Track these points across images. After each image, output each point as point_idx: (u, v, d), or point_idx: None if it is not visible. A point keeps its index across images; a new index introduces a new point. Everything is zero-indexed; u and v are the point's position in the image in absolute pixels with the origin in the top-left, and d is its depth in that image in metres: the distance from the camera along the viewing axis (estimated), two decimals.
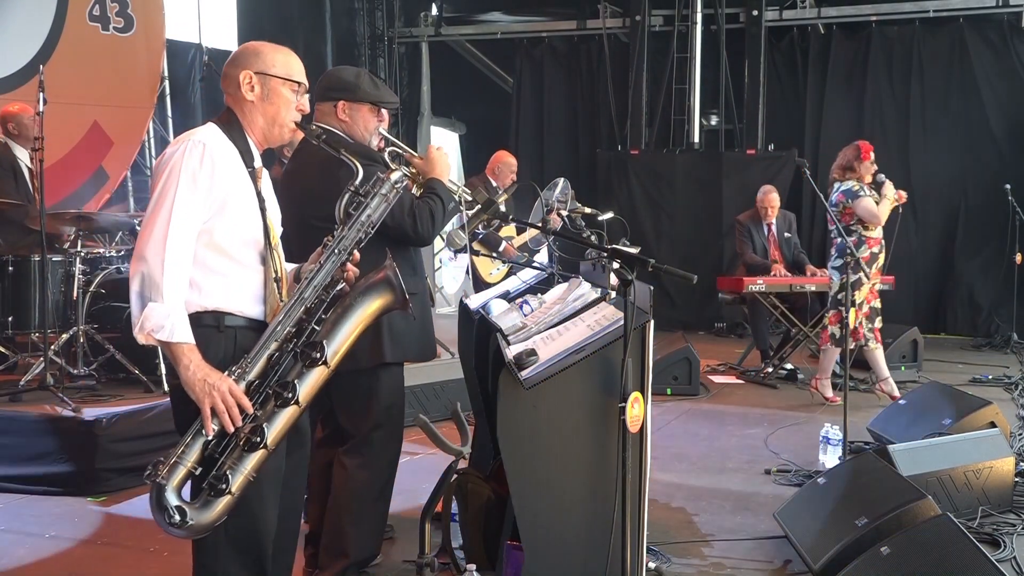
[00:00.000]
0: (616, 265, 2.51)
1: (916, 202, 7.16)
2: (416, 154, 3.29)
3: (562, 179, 5.34)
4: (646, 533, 2.72)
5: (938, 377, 6.70)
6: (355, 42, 11.45)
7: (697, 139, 10.64)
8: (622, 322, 2.47)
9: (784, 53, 10.62)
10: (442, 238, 3.86)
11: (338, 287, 2.34)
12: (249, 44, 2.45)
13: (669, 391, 6.70)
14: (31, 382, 4.93)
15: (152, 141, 8.40)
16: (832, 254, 6.28)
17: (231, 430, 2.17)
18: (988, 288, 9.68)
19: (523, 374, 2.55)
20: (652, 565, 3.39)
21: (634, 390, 2.49)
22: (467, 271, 6.95)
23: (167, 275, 2.16)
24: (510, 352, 2.72)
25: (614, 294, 2.98)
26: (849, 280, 5.93)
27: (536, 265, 4.14)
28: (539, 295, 3.49)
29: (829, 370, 6.42)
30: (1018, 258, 8.56)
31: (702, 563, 3.57)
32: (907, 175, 9.85)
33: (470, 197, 3.38)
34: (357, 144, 3.11)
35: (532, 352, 2.62)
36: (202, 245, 2.26)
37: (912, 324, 7.82)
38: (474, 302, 3.82)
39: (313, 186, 3.04)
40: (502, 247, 6.42)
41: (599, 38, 11.10)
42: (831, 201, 6.15)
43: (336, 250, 2.34)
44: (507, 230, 6.55)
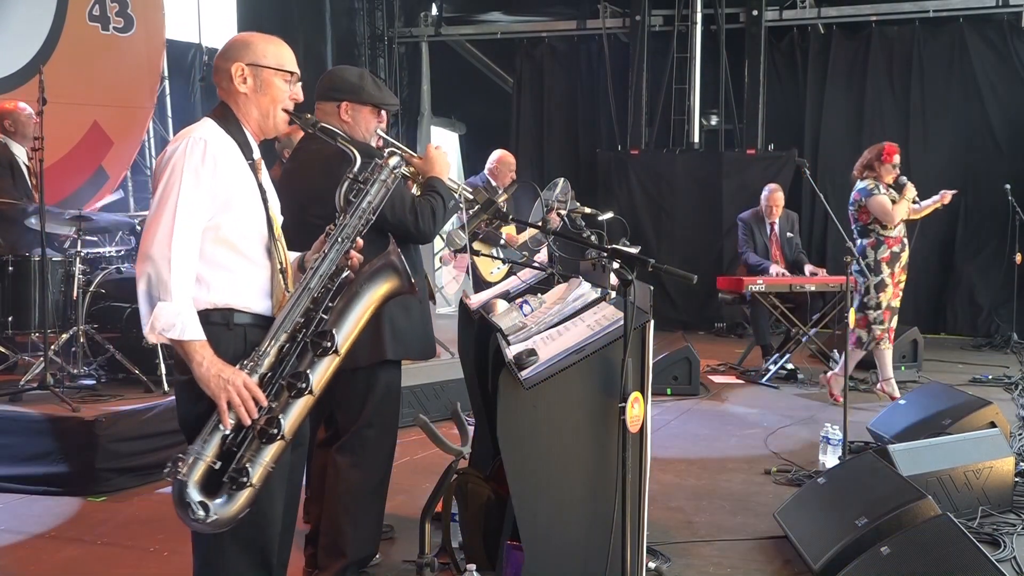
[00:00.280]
0: (616, 265, 2.51)
1: (916, 202, 7.15)
2: (415, 154, 3.29)
3: (562, 179, 5.33)
4: (646, 533, 2.72)
5: (938, 377, 6.70)
6: (355, 42, 11.45)
7: (697, 139, 10.64)
8: (622, 322, 2.47)
9: (784, 53, 10.62)
10: (442, 238, 3.86)
11: (343, 275, 2.35)
12: (238, 36, 2.44)
13: (669, 391, 6.70)
14: (31, 382, 4.93)
15: (152, 141, 8.40)
16: (850, 258, 6.22)
17: (248, 423, 2.19)
18: (988, 288, 9.68)
19: (523, 374, 2.55)
20: (652, 565, 3.39)
21: (634, 390, 2.49)
22: (467, 271, 6.94)
23: (174, 273, 2.16)
24: (510, 352, 2.71)
25: (614, 294, 2.98)
26: (871, 282, 5.96)
27: (536, 265, 4.13)
28: (539, 295, 3.49)
29: (851, 367, 6.27)
30: (1018, 258, 8.56)
31: (702, 563, 3.57)
32: (907, 175, 9.78)
33: (471, 196, 3.39)
34: (357, 142, 3.11)
35: (532, 352, 2.62)
36: (209, 241, 2.26)
37: (912, 324, 7.82)
38: (474, 301, 3.82)
39: (313, 185, 3.03)
40: (502, 240, 6.41)
41: (599, 38, 11.10)
42: (850, 200, 6.14)
43: (339, 238, 2.35)
44: (507, 230, 6.55)
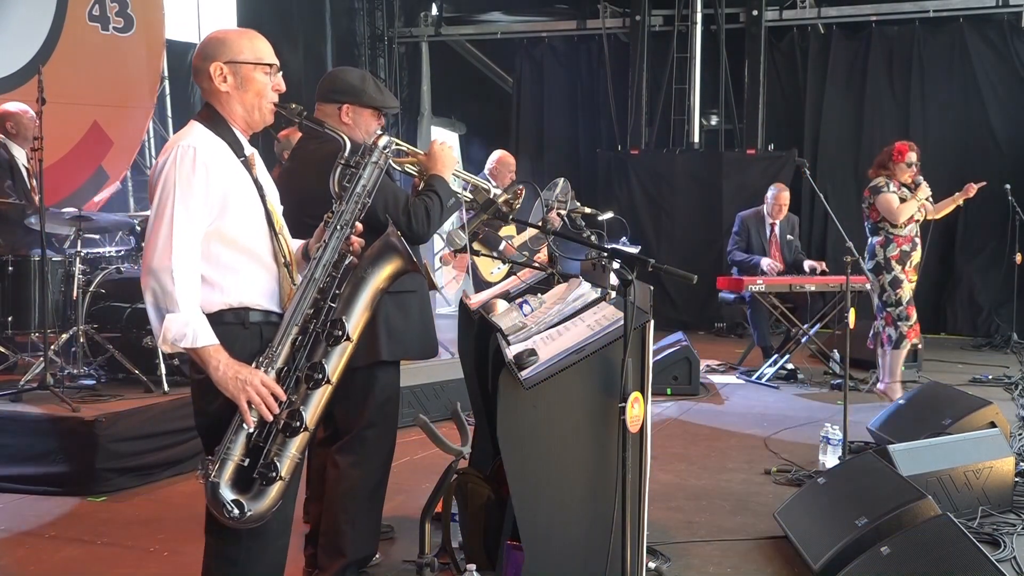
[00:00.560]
0: (616, 265, 2.51)
1: (930, 201, 7.13)
2: (419, 151, 3.29)
3: (562, 179, 5.32)
4: (646, 533, 2.72)
5: (938, 377, 6.70)
6: (355, 42, 11.45)
7: (697, 139, 10.65)
8: (622, 322, 2.47)
9: (784, 53, 10.62)
10: (441, 237, 3.86)
11: (347, 261, 2.36)
12: (213, 34, 2.44)
13: (669, 391, 6.70)
14: (31, 382, 4.93)
15: (152, 141, 8.40)
16: (865, 256, 6.19)
17: (270, 419, 2.23)
18: (988, 288, 9.68)
19: (523, 374, 2.55)
20: (652, 565, 3.39)
21: (634, 390, 2.49)
22: (467, 271, 6.94)
23: (178, 284, 2.19)
24: (510, 352, 2.71)
25: (614, 294, 2.98)
26: (885, 280, 5.98)
27: (536, 265, 4.12)
28: (539, 295, 3.49)
29: (898, 371, 6.30)
30: (1018, 258, 8.56)
31: (702, 563, 3.57)
32: None
33: (484, 185, 3.39)
34: (357, 145, 3.10)
35: (532, 352, 2.62)
36: (213, 244, 2.28)
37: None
38: (474, 301, 3.82)
39: (308, 185, 3.02)
40: (502, 246, 6.41)
41: (599, 38, 11.11)
42: (863, 197, 6.17)
43: (338, 225, 2.36)
44: (507, 229, 6.54)
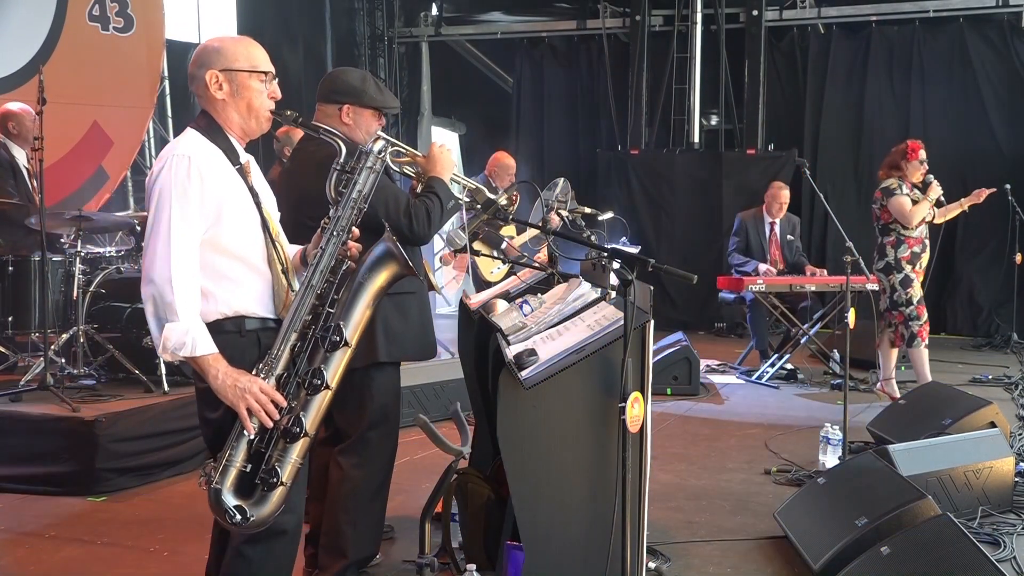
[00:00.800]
0: (616, 265, 2.51)
1: (940, 203, 7.09)
2: (418, 153, 3.29)
3: (562, 179, 5.32)
4: (646, 533, 2.72)
5: (938, 377, 6.68)
6: (355, 42, 11.45)
7: (697, 139, 10.65)
8: (622, 322, 2.47)
9: (784, 53, 10.62)
10: (442, 238, 3.86)
11: (344, 266, 2.37)
12: (208, 43, 2.45)
13: (669, 391, 6.70)
14: (31, 382, 4.93)
15: (152, 141, 8.40)
16: (875, 256, 6.19)
17: (270, 425, 2.24)
18: (988, 288, 9.68)
19: (523, 374, 2.55)
20: (652, 565, 3.39)
21: (634, 390, 2.49)
22: (467, 270, 6.94)
23: (177, 293, 2.20)
24: (510, 352, 2.71)
25: (614, 294, 2.98)
26: (895, 279, 5.97)
27: (536, 265, 4.12)
28: (539, 295, 3.49)
29: (926, 371, 6.22)
30: (1018, 258, 8.55)
31: (702, 563, 3.57)
32: None
33: (475, 186, 3.39)
34: (349, 141, 3.10)
35: (532, 352, 2.62)
36: (209, 252, 2.29)
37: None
38: (474, 301, 3.82)
39: (305, 186, 3.03)
40: (503, 245, 6.41)
41: (599, 38, 11.11)
42: (873, 198, 6.14)
43: (335, 231, 2.37)
44: (507, 229, 6.54)
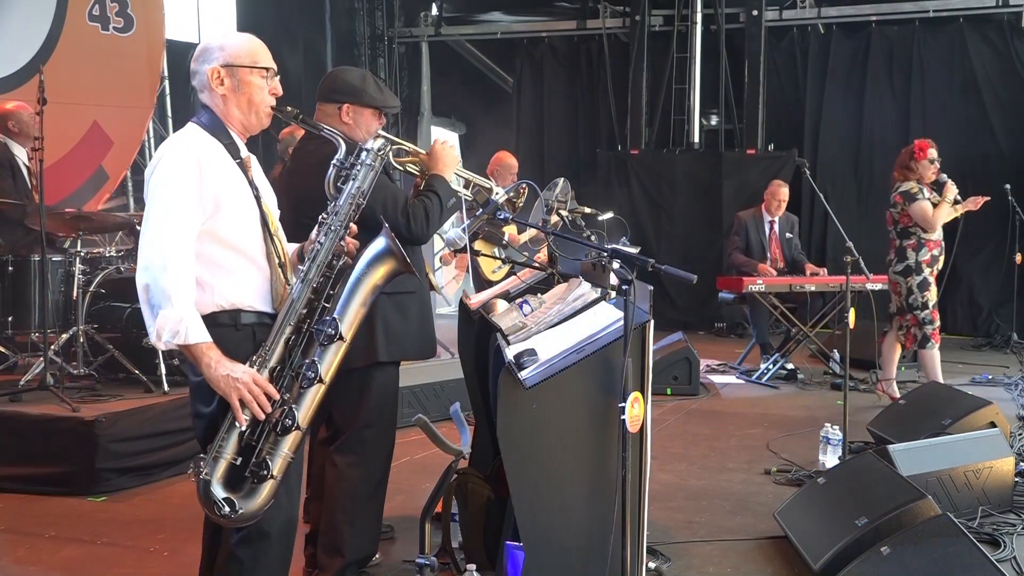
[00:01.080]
0: (616, 265, 2.51)
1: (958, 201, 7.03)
2: (420, 150, 3.29)
3: (562, 179, 5.31)
4: (646, 533, 2.72)
5: None
6: (355, 42, 11.45)
7: (697, 139, 10.65)
8: (622, 322, 2.47)
9: (784, 53, 10.62)
10: (441, 237, 3.86)
11: (340, 261, 2.38)
12: (210, 38, 2.48)
13: (669, 391, 6.70)
14: (31, 382, 4.93)
15: (152, 141, 8.40)
16: (892, 259, 6.11)
17: (262, 417, 2.23)
18: (988, 288, 9.67)
19: (523, 374, 2.55)
20: (652, 565, 3.39)
21: (634, 390, 2.49)
22: (467, 270, 6.93)
23: (172, 281, 2.20)
24: (510, 352, 2.71)
25: (614, 294, 2.98)
26: (914, 282, 5.93)
27: (536, 265, 4.12)
28: (539, 295, 3.49)
29: (937, 372, 6.18)
30: (1018, 258, 8.55)
31: (702, 563, 3.57)
32: None
33: (486, 184, 3.39)
34: (348, 139, 3.10)
35: (532, 352, 2.62)
36: (206, 243, 2.29)
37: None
38: (474, 301, 3.82)
39: (306, 185, 3.02)
40: (505, 239, 6.40)
41: (599, 38, 11.11)
42: (891, 201, 6.06)
43: (333, 226, 2.38)
44: (508, 229, 6.54)
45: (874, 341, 6.60)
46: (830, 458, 4.67)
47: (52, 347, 5.01)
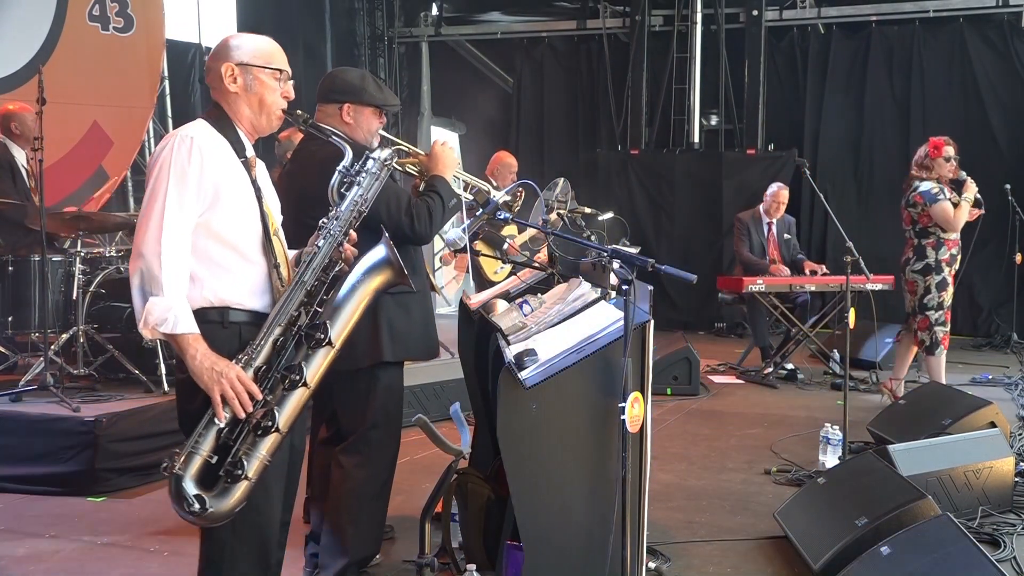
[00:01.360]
0: (616, 265, 2.51)
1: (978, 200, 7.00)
2: (420, 151, 3.29)
3: (562, 179, 5.32)
4: (646, 533, 2.72)
5: None
6: (355, 42, 11.45)
7: (697, 139, 10.65)
8: (622, 322, 2.47)
9: (784, 53, 10.62)
10: (442, 238, 3.85)
11: (337, 268, 2.36)
12: (228, 37, 2.47)
13: (669, 391, 6.70)
14: (31, 382, 4.93)
15: (152, 141, 8.39)
16: (911, 257, 5.97)
17: (242, 416, 2.20)
18: (988, 288, 9.67)
19: (523, 374, 2.55)
20: (652, 565, 3.39)
21: (634, 390, 2.49)
22: (467, 270, 6.93)
23: (165, 268, 2.18)
24: (510, 352, 2.71)
25: (614, 294, 2.98)
26: (933, 281, 5.82)
27: (536, 265, 4.12)
28: (539, 295, 3.49)
29: (941, 375, 6.08)
30: (1018, 258, 8.54)
31: (702, 563, 3.57)
32: (907, 175, 9.82)
33: (484, 186, 3.39)
34: (358, 146, 3.11)
35: (532, 352, 2.62)
36: (202, 237, 2.28)
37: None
38: (474, 301, 3.82)
39: (308, 186, 3.03)
40: (505, 246, 6.40)
41: (599, 38, 11.11)
42: (909, 201, 5.95)
43: (332, 231, 2.36)
44: (508, 229, 6.54)
45: (874, 341, 6.61)
46: (830, 458, 4.67)
47: (52, 347, 5.01)
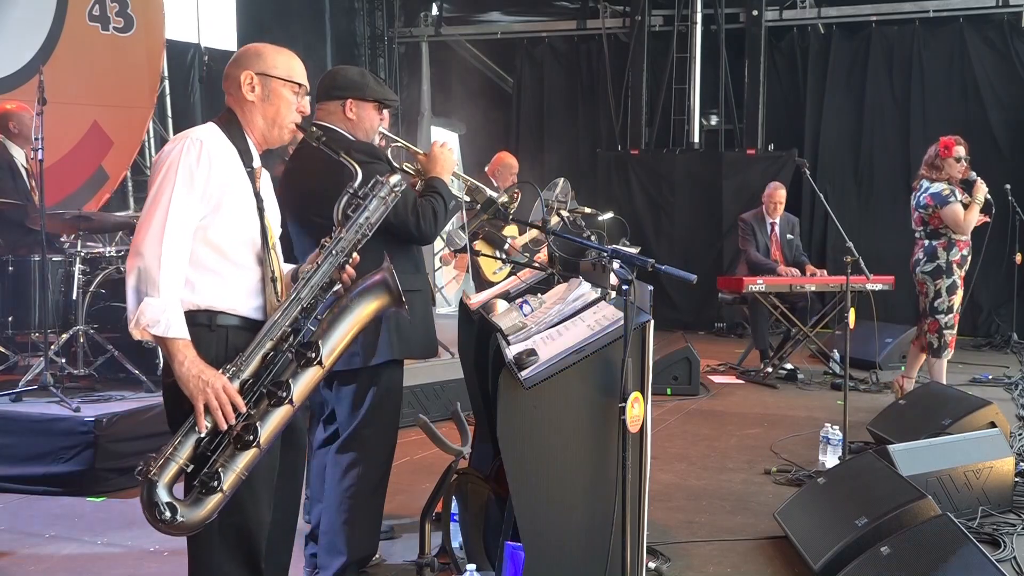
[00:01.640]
0: (616, 265, 2.51)
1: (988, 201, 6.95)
2: (419, 151, 3.30)
3: (562, 179, 5.32)
4: (646, 533, 2.72)
5: None
6: (355, 42, 11.46)
7: (697, 139, 10.65)
8: (622, 322, 2.47)
9: (784, 53, 10.62)
10: (442, 238, 3.86)
11: (335, 288, 2.35)
12: (251, 45, 2.47)
13: (669, 391, 6.70)
14: (31, 382, 4.93)
15: (152, 141, 8.41)
16: (921, 258, 5.89)
17: (224, 427, 2.17)
18: (988, 288, 9.67)
19: (523, 374, 2.55)
20: (652, 565, 3.39)
21: (634, 390, 2.49)
22: (467, 270, 6.93)
23: (163, 271, 2.17)
24: (510, 352, 2.71)
25: (614, 294, 2.98)
26: (943, 284, 5.76)
27: (536, 265, 4.13)
28: (539, 295, 3.49)
29: (943, 376, 5.99)
30: (1018, 258, 8.55)
31: (702, 563, 3.57)
32: (907, 175, 9.82)
33: (475, 184, 3.40)
34: (361, 143, 3.11)
35: (532, 352, 2.61)
36: (198, 242, 2.26)
37: (912, 324, 7.81)
38: (474, 301, 3.82)
39: (315, 185, 3.04)
40: (506, 245, 6.41)
41: (599, 38, 11.11)
42: (919, 202, 5.87)
43: (334, 251, 2.34)
44: (509, 230, 6.55)
45: (874, 341, 6.59)
46: (830, 458, 4.67)
47: (52, 347, 5.01)
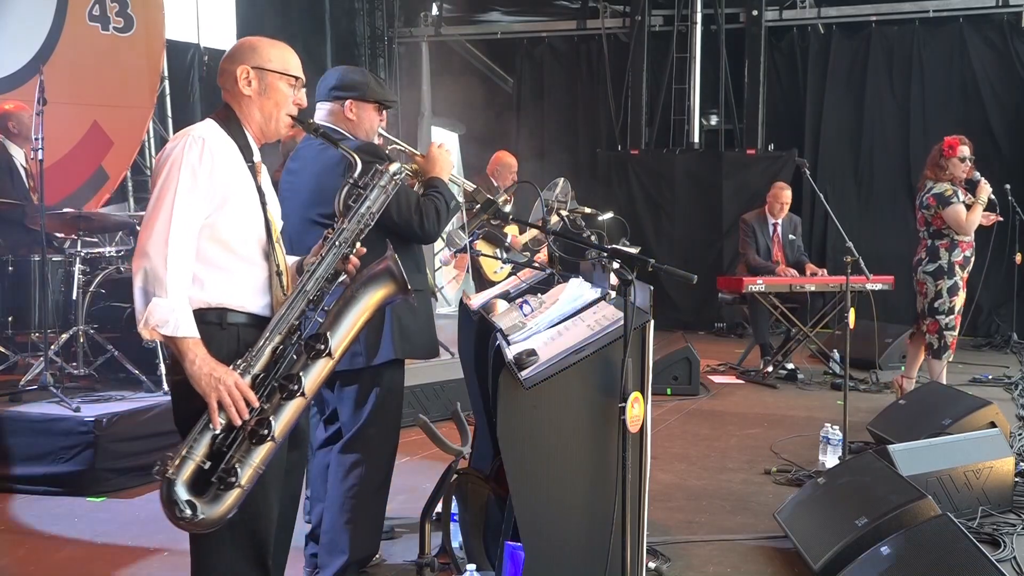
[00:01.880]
0: (616, 265, 2.51)
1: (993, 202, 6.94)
2: (417, 152, 3.30)
3: (562, 179, 5.31)
4: (646, 533, 2.72)
5: None
6: (355, 42, 11.46)
7: (697, 139, 10.65)
8: (622, 322, 2.47)
9: (784, 53, 10.62)
10: (442, 238, 3.86)
11: (340, 279, 2.35)
12: (245, 40, 2.46)
13: (669, 391, 6.70)
14: (31, 382, 4.93)
15: (152, 141, 8.40)
16: (923, 258, 5.88)
17: (238, 423, 2.18)
18: (988, 288, 9.66)
19: (523, 374, 2.55)
20: (652, 565, 3.39)
21: (634, 390, 2.49)
22: (467, 270, 6.93)
23: (170, 270, 2.17)
24: (510, 352, 2.71)
25: (614, 294, 2.98)
26: (944, 286, 5.72)
27: (537, 265, 4.13)
28: (539, 295, 3.49)
29: (943, 376, 5.96)
30: (1018, 258, 8.55)
31: (702, 563, 3.57)
32: (907, 175, 9.85)
33: (472, 187, 3.40)
34: (362, 142, 3.12)
35: (532, 352, 2.61)
36: (205, 240, 2.27)
37: (912, 324, 7.81)
38: (474, 301, 3.82)
39: (315, 185, 3.04)
40: (508, 241, 6.41)
41: (599, 38, 11.12)
42: (922, 202, 5.85)
43: (337, 242, 2.35)
44: (509, 229, 6.54)
45: (874, 341, 6.59)
46: (830, 458, 4.67)
47: (52, 347, 5.01)
